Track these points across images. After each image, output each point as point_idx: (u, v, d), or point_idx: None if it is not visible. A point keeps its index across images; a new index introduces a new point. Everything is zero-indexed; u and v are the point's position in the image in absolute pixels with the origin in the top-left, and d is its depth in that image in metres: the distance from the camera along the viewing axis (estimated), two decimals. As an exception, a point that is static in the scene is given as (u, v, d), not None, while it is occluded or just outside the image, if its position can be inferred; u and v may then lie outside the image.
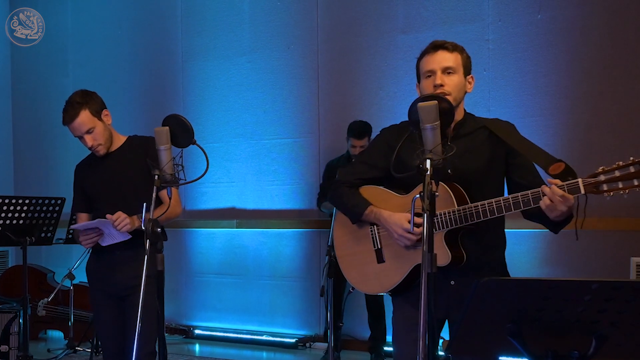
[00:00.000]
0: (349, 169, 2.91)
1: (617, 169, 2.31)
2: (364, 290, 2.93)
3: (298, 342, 6.16)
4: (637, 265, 4.63)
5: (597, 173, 2.34)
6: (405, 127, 2.74)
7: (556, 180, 2.39)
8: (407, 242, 2.63)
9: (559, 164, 2.42)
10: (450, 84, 2.64)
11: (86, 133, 3.44)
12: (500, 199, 2.48)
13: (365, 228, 2.81)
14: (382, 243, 2.77)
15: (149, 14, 7.09)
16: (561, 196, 2.35)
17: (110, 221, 3.32)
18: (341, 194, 2.82)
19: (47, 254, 7.16)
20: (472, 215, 2.52)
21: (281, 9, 6.37)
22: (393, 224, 2.64)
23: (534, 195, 2.42)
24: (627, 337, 1.85)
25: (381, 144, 2.83)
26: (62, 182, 7.36)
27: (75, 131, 3.46)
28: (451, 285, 2.63)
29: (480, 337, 1.95)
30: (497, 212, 2.49)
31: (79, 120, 3.42)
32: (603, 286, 1.73)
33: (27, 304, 4.70)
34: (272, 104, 6.40)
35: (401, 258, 2.69)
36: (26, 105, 7.83)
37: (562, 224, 2.55)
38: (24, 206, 4.63)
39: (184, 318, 6.79)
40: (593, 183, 2.34)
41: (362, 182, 2.82)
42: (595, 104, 5.10)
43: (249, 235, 6.51)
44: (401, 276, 2.69)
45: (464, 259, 2.59)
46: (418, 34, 5.56)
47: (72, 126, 3.45)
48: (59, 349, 6.09)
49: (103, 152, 3.51)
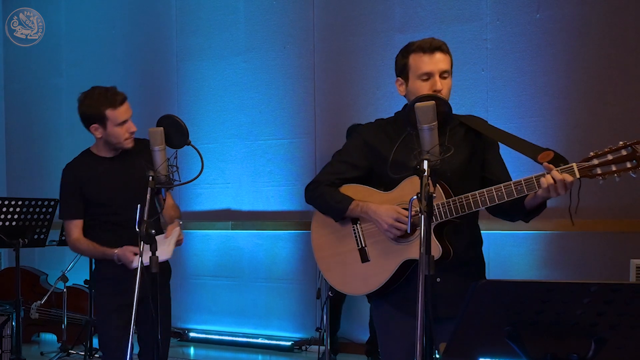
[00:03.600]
0: (328, 169, 2.86)
1: (609, 153, 2.35)
2: (346, 291, 2.89)
3: (294, 345, 6.14)
4: (636, 267, 4.60)
5: (590, 157, 2.37)
6: (380, 125, 2.75)
7: (551, 165, 2.40)
8: (397, 233, 2.60)
9: (547, 152, 2.45)
10: (447, 89, 2.63)
11: (129, 119, 3.36)
12: (492, 189, 2.48)
13: (347, 227, 2.77)
14: (365, 241, 2.73)
15: (143, 13, 7.07)
16: (561, 180, 2.35)
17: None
18: (322, 193, 2.78)
19: (40, 256, 7.12)
20: (463, 207, 2.51)
21: (277, 8, 6.35)
22: (382, 214, 2.61)
23: (527, 183, 2.42)
24: (626, 340, 1.83)
25: (359, 143, 2.81)
26: (55, 183, 7.23)
27: (123, 115, 3.34)
28: (437, 282, 2.60)
29: (478, 340, 1.93)
30: (489, 202, 2.49)
31: (127, 104, 3.35)
32: (602, 288, 1.71)
33: (19, 307, 4.69)
34: (267, 104, 6.38)
35: (387, 255, 2.66)
36: (19, 106, 7.80)
37: (537, 212, 2.58)
38: (17, 208, 4.62)
39: (179, 321, 6.74)
40: (587, 167, 2.37)
41: (342, 182, 2.79)
42: (595, 104, 5.09)
43: (244, 236, 6.48)
44: (388, 274, 2.66)
45: (451, 254, 2.58)
46: (415, 34, 5.50)
47: (123, 107, 3.34)
48: (52, 352, 6.04)
49: (131, 145, 3.39)
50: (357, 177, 2.78)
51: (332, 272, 2.83)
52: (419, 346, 2.14)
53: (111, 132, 3.36)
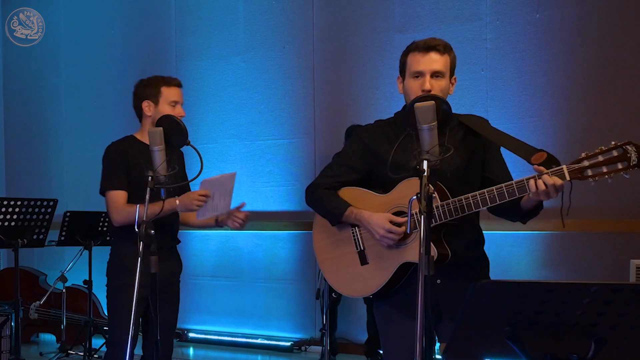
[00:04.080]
0: (327, 172, 2.86)
1: (600, 154, 2.33)
2: (347, 293, 2.90)
3: (293, 345, 6.12)
4: (636, 268, 4.58)
5: (581, 159, 2.36)
6: (380, 126, 2.76)
7: (541, 167, 2.38)
8: (389, 242, 2.61)
9: (540, 154, 2.43)
10: (437, 89, 2.62)
11: (180, 105, 3.44)
12: (484, 191, 2.47)
13: (346, 230, 2.78)
14: (364, 244, 2.74)
15: (142, 13, 7.06)
16: (552, 184, 2.33)
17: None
18: (320, 197, 2.79)
19: (39, 256, 7.11)
20: (457, 210, 2.50)
21: (276, 8, 6.33)
22: (374, 224, 2.62)
23: (519, 186, 2.41)
24: (626, 340, 1.82)
25: (357, 145, 2.81)
26: (54, 183, 7.33)
27: (176, 94, 3.44)
28: (437, 284, 2.60)
29: (478, 341, 1.92)
30: (481, 205, 2.48)
31: (181, 91, 3.48)
32: (602, 289, 1.70)
33: (19, 307, 4.68)
34: (267, 104, 6.36)
35: (385, 258, 2.66)
36: (18, 105, 7.78)
37: (534, 213, 2.58)
38: (16, 208, 4.61)
39: (178, 321, 6.71)
40: (577, 169, 2.35)
41: (340, 185, 2.80)
42: (595, 104, 5.08)
43: (243, 237, 6.47)
44: (387, 277, 2.66)
45: (449, 256, 2.57)
46: (415, 34, 5.48)
47: (177, 89, 3.46)
48: (51, 353, 6.02)
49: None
50: (356, 180, 2.79)
51: (333, 274, 2.84)
52: (418, 347, 2.13)
53: (162, 109, 3.38)
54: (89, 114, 7.12)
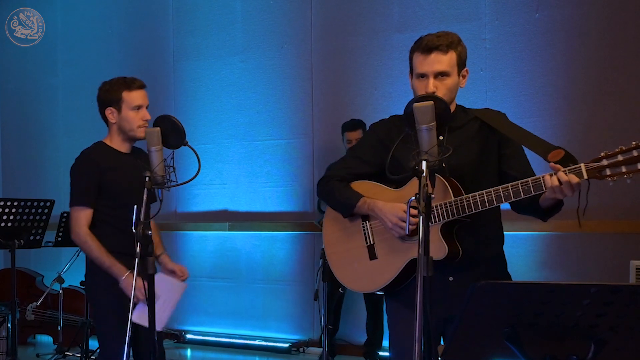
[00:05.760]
0: (340, 164, 2.87)
1: (619, 153, 2.27)
2: (354, 288, 2.89)
3: (292, 347, 6.12)
4: (636, 269, 4.57)
5: (600, 158, 2.30)
6: (395, 122, 2.73)
7: (558, 165, 2.34)
8: (401, 232, 2.58)
9: (558, 151, 2.38)
10: (443, 89, 2.58)
11: (145, 108, 3.39)
12: (499, 188, 2.43)
13: (356, 224, 2.76)
14: (374, 239, 2.72)
15: (139, 12, 7.05)
16: (567, 181, 2.29)
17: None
18: (332, 188, 2.78)
19: (35, 257, 7.08)
20: (470, 206, 2.47)
21: (274, 7, 6.32)
22: (388, 212, 2.60)
23: (535, 183, 2.37)
24: (626, 342, 1.82)
25: (372, 139, 2.80)
26: (51, 184, 7.31)
27: (138, 98, 3.38)
28: (450, 281, 2.58)
29: (477, 342, 1.92)
30: (495, 202, 2.44)
31: (145, 92, 3.41)
32: (602, 290, 1.69)
33: (15, 308, 4.68)
34: (265, 104, 6.36)
35: (395, 253, 2.64)
36: (15, 106, 7.77)
37: (554, 211, 2.53)
38: (12, 208, 4.60)
39: (175, 322, 6.72)
40: (596, 168, 2.30)
41: (353, 177, 2.79)
42: (594, 104, 5.08)
43: (241, 238, 6.46)
44: (395, 273, 2.64)
45: (460, 253, 2.54)
46: (414, 33, 5.43)
47: (139, 92, 3.39)
48: (48, 354, 6.02)
49: (142, 135, 3.30)
50: (369, 173, 2.77)
51: (341, 269, 2.82)
52: (417, 347, 2.12)
53: (125, 116, 3.36)
54: (86, 114, 7.08)
